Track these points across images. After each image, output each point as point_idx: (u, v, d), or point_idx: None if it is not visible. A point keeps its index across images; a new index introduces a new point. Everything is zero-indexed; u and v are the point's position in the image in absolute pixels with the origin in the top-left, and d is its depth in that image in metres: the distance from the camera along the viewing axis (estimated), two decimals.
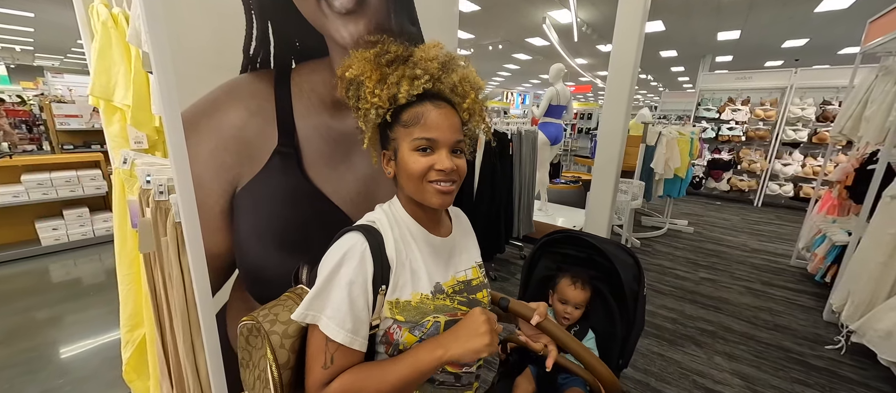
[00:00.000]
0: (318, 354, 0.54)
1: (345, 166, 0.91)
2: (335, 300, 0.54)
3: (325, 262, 0.57)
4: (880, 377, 1.90)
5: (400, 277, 0.59)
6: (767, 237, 4.19)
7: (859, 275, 2.10)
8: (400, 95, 0.58)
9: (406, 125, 0.59)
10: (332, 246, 0.59)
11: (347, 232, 0.60)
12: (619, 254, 1.11)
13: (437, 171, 0.58)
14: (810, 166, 5.25)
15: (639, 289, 1.06)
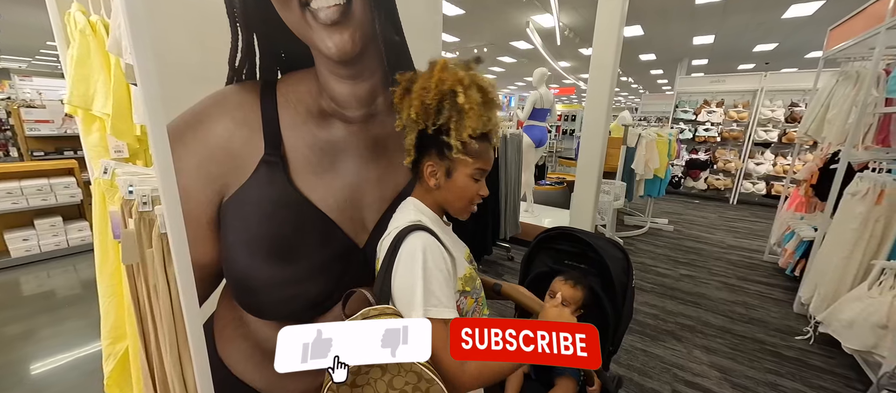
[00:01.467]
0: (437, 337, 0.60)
1: (331, 174, 0.92)
2: (441, 293, 0.65)
3: (409, 263, 0.66)
4: (845, 364, 2.01)
5: (456, 259, 0.73)
6: (742, 234, 4.37)
7: (825, 268, 2.23)
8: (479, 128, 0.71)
9: (472, 155, 0.72)
10: (404, 249, 0.68)
11: (410, 233, 0.70)
12: (608, 249, 1.18)
13: (479, 197, 0.76)
14: (780, 165, 5.50)
15: (627, 281, 1.13)
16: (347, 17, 0.86)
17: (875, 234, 1.99)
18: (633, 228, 4.41)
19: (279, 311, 0.90)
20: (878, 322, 1.68)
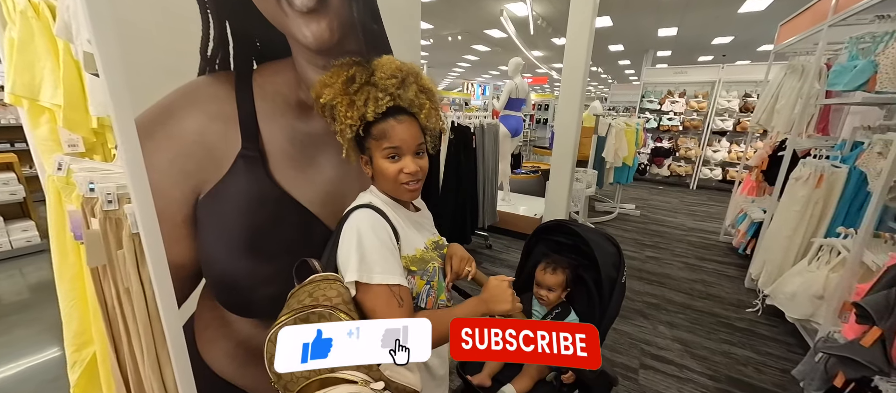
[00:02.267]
0: (387, 301, 0.66)
1: (312, 169, 0.90)
2: (378, 258, 0.67)
3: (349, 236, 0.69)
4: (788, 332, 2.24)
5: (403, 238, 0.74)
6: (701, 217, 4.69)
7: (772, 247, 2.44)
8: (368, 115, 0.71)
9: (376, 138, 0.72)
10: (347, 224, 0.71)
11: (354, 211, 0.72)
12: (601, 242, 1.21)
13: (406, 174, 0.73)
14: (735, 152, 5.91)
15: (617, 276, 1.16)
16: (325, 5, 0.84)
17: (815, 214, 2.21)
18: (604, 214, 4.61)
19: (263, 308, 0.88)
20: (816, 293, 1.88)
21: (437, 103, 0.79)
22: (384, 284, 0.67)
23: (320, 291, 0.65)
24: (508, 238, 3.72)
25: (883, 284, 1.38)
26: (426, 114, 0.76)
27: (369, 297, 0.67)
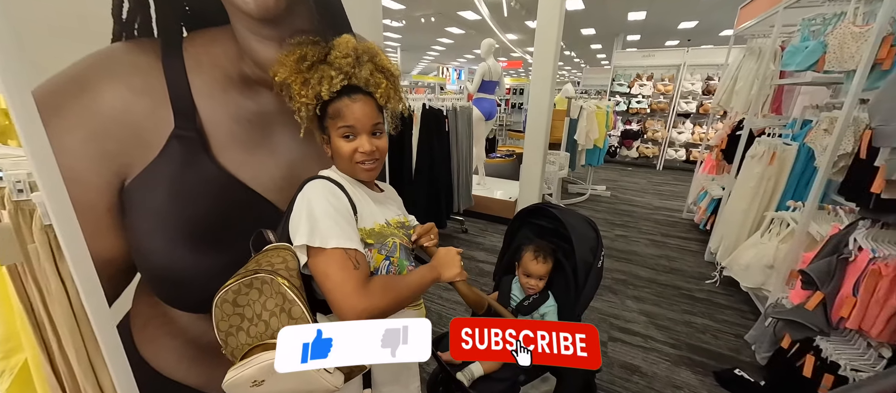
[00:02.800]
0: (343, 265, 0.64)
1: (264, 151, 0.83)
2: (332, 225, 0.65)
3: (302, 206, 0.66)
4: (742, 300, 2.40)
5: (361, 211, 0.73)
6: (667, 196, 4.90)
7: (729, 221, 2.58)
8: (322, 93, 0.69)
9: (332, 117, 0.71)
10: (301, 194, 0.69)
11: (310, 181, 0.70)
12: (580, 227, 1.21)
13: (361, 154, 0.71)
14: (698, 134, 6.18)
15: (593, 261, 1.17)
16: None
17: (768, 190, 2.34)
18: (577, 196, 4.72)
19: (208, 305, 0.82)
20: (767, 263, 2.01)
21: (396, 82, 0.77)
22: (339, 247, 0.64)
23: (266, 258, 0.65)
24: (484, 222, 3.74)
25: (825, 252, 1.48)
26: (383, 93, 0.74)
27: (322, 260, 0.64)
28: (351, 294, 0.61)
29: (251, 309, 0.61)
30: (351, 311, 0.61)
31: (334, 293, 0.62)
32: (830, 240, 1.49)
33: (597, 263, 1.18)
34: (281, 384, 0.57)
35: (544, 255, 1.24)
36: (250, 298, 0.62)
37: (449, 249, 0.80)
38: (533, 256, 1.24)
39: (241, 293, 0.62)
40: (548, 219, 1.33)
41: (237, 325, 0.62)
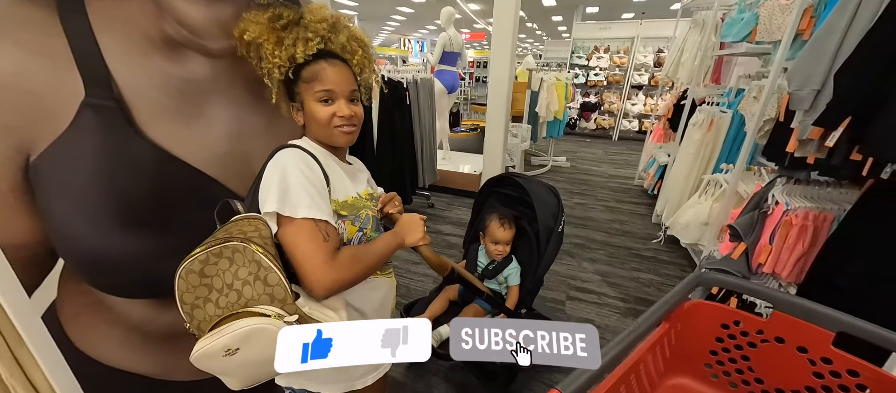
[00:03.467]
0: (312, 236, 0.63)
1: (202, 122, 0.76)
2: (303, 195, 0.64)
3: (274, 173, 0.65)
4: (682, 256, 2.66)
5: (334, 183, 0.72)
6: (620, 165, 5.20)
7: (672, 185, 2.81)
8: (297, 55, 0.67)
9: (307, 81, 0.69)
10: (272, 162, 0.67)
11: (281, 149, 0.69)
12: (542, 194, 1.28)
13: (339, 117, 0.71)
14: (649, 105, 6.54)
15: (554, 226, 1.24)
16: None
17: (706, 155, 2.55)
18: (539, 167, 4.87)
19: (161, 287, 0.77)
20: (703, 221, 2.22)
21: (370, 54, 0.76)
22: (309, 218, 0.63)
23: (236, 227, 0.62)
24: (450, 196, 3.77)
25: (749, 207, 1.67)
26: (358, 61, 0.73)
27: (291, 230, 0.63)
28: (319, 266, 0.62)
29: (220, 279, 0.59)
30: (318, 283, 0.62)
31: (303, 265, 0.62)
32: (754, 197, 1.68)
33: (557, 227, 1.25)
34: (256, 350, 0.57)
35: (508, 221, 1.29)
36: (220, 268, 0.59)
37: (412, 215, 0.81)
38: (498, 224, 1.28)
39: (210, 263, 0.59)
40: (513, 187, 1.39)
41: (204, 296, 0.60)
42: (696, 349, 0.78)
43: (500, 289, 1.35)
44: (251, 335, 0.56)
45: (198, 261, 0.59)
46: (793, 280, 1.49)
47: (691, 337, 0.77)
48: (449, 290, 1.40)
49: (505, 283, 1.34)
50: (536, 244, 1.29)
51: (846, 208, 1.32)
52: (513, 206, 1.41)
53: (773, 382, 0.71)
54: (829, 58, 1.16)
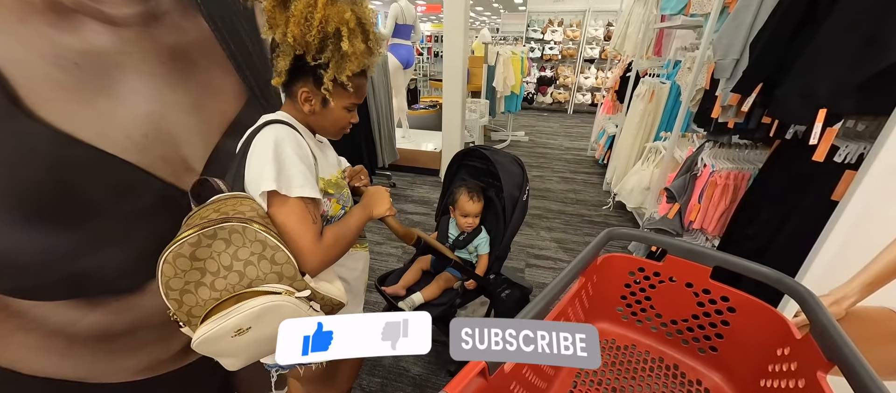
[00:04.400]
0: (303, 216, 0.65)
1: (110, 101, 0.68)
2: (295, 172, 0.65)
3: (264, 148, 0.64)
4: (628, 219, 2.87)
5: (319, 161, 0.74)
6: (575, 137, 5.43)
7: (619, 154, 2.99)
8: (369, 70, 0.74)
9: (350, 91, 0.71)
10: (259, 138, 0.66)
11: (268, 125, 0.68)
12: (507, 164, 1.32)
13: (351, 125, 0.79)
14: (600, 78, 6.80)
15: (519, 195, 1.29)
16: None
17: (648, 124, 2.73)
18: (498, 143, 4.95)
19: (82, 286, 0.70)
20: (645, 186, 2.41)
21: None
22: (303, 197, 0.65)
23: (229, 206, 0.60)
24: (412, 175, 3.74)
25: (682, 171, 1.82)
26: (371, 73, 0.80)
27: (284, 210, 0.64)
28: (310, 246, 0.65)
29: (215, 261, 0.58)
30: (309, 262, 0.65)
31: (294, 244, 0.63)
32: (686, 161, 1.83)
33: (523, 196, 1.31)
34: (269, 327, 0.58)
35: (476, 194, 1.33)
36: (214, 250, 0.58)
37: (377, 187, 0.85)
38: (467, 198, 1.32)
39: (202, 245, 0.57)
40: (479, 159, 1.44)
41: (196, 280, 0.58)
42: (610, 296, 0.88)
43: (471, 257, 1.40)
44: (265, 313, 0.57)
45: (188, 244, 0.57)
46: (717, 234, 1.68)
47: (605, 286, 0.87)
48: (422, 260, 1.43)
49: (475, 252, 1.39)
50: (503, 213, 1.34)
51: (759, 167, 1.49)
52: (480, 177, 1.45)
53: (669, 314, 0.83)
54: (747, 29, 1.27)
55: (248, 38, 1.02)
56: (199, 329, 0.57)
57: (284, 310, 0.58)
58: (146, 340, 0.83)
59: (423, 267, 1.43)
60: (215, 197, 0.65)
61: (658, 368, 0.84)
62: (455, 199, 1.35)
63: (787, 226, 1.16)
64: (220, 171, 0.96)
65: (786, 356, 0.65)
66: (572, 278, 0.71)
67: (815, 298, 0.61)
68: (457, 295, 1.33)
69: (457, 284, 1.36)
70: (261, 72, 1.09)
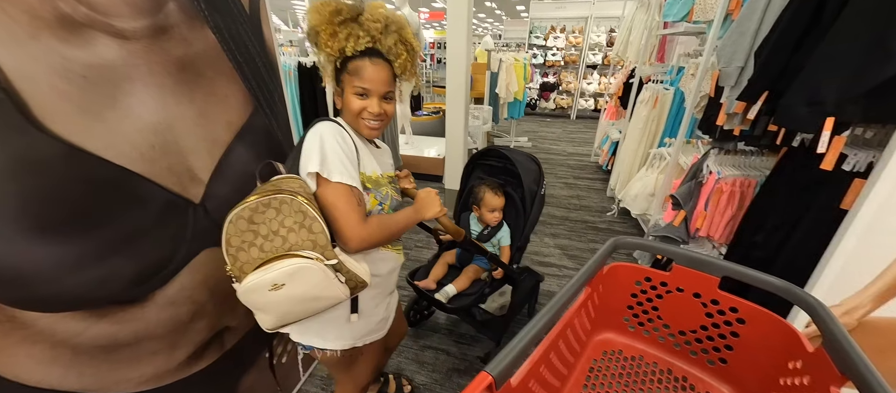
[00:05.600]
0: (348, 199, 0.72)
1: (117, 114, 0.69)
2: (338, 163, 0.72)
3: (314, 141, 0.73)
4: (632, 226, 2.85)
5: (362, 157, 0.79)
6: (578, 142, 5.42)
7: (623, 160, 2.97)
8: (346, 49, 0.75)
9: (350, 74, 0.77)
10: (311, 132, 0.75)
11: (320, 122, 0.77)
12: (524, 162, 1.43)
13: (368, 113, 0.78)
14: (603, 84, 6.81)
15: (537, 189, 1.41)
16: None
17: (652, 130, 2.72)
18: None
19: (81, 299, 0.70)
20: (650, 192, 2.39)
21: (415, 59, 0.83)
22: (344, 182, 0.72)
23: (283, 183, 0.70)
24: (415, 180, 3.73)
25: (688, 177, 1.81)
26: (401, 64, 0.80)
27: (330, 191, 0.72)
28: (355, 225, 0.71)
29: (266, 226, 0.67)
30: (352, 239, 0.72)
31: (339, 222, 0.71)
32: (691, 168, 1.82)
33: (540, 190, 1.42)
34: (299, 287, 0.67)
35: (499, 189, 1.43)
36: (267, 217, 0.67)
37: (428, 190, 0.89)
38: (493, 194, 1.41)
39: (258, 211, 0.67)
40: (496, 158, 1.54)
41: (249, 241, 0.67)
42: (617, 306, 0.87)
43: (494, 250, 1.49)
44: (296, 273, 0.65)
45: (248, 208, 0.66)
46: (724, 241, 1.66)
47: (612, 296, 0.86)
48: (446, 255, 1.55)
49: (497, 244, 1.47)
50: (522, 207, 1.44)
51: (766, 174, 1.47)
52: (497, 175, 1.55)
53: (676, 325, 0.81)
54: (751, 37, 1.27)
55: (254, 49, 1.03)
56: (244, 280, 0.66)
57: (313, 273, 0.66)
58: (150, 351, 0.83)
59: (448, 261, 1.54)
60: (274, 177, 0.76)
61: (667, 380, 0.82)
62: (480, 197, 1.43)
63: (796, 234, 1.14)
64: (228, 180, 0.97)
65: (798, 370, 0.64)
66: (579, 289, 0.70)
67: (826, 310, 0.60)
68: (485, 285, 1.43)
69: (484, 274, 1.47)
70: (266, 81, 1.10)
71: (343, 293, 0.71)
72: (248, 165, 1.03)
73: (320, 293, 0.69)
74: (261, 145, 1.10)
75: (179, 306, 0.89)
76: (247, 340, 1.11)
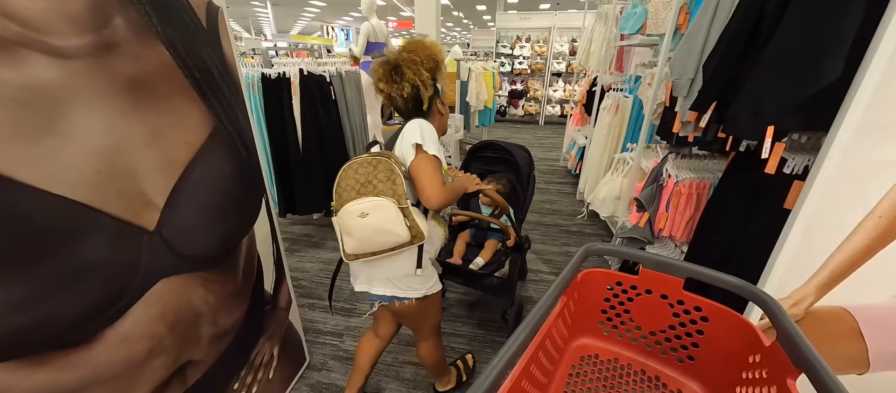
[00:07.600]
0: (436, 167, 0.96)
1: (56, 139, 0.63)
2: (433, 141, 0.97)
3: (414, 126, 0.98)
4: (601, 228, 2.97)
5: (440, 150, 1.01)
6: (548, 148, 5.59)
7: (590, 164, 3.10)
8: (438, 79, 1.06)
9: (442, 96, 1.11)
10: (411, 123, 1.00)
11: (416, 118, 1.02)
12: (518, 152, 1.74)
13: None
14: (568, 91, 7.09)
15: (531, 171, 1.72)
16: None
17: (615, 135, 2.86)
18: None
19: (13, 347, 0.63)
20: (616, 196, 2.50)
21: None
22: (436, 155, 0.96)
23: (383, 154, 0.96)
24: None
25: (650, 181, 1.91)
26: None
27: (425, 159, 0.95)
28: (438, 187, 0.94)
29: (364, 176, 0.93)
30: (434, 197, 0.94)
31: (426, 181, 0.94)
32: (653, 171, 1.93)
33: (533, 173, 1.74)
34: (378, 217, 0.90)
35: (501, 176, 1.73)
36: (366, 170, 0.93)
37: (466, 174, 1.25)
38: (496, 185, 1.68)
39: (363, 165, 0.94)
40: (493, 150, 1.82)
41: (350, 185, 0.93)
42: (591, 311, 0.89)
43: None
44: (378, 207, 0.90)
45: (356, 162, 0.95)
46: (685, 240, 1.76)
47: (586, 302, 0.88)
48: (463, 235, 1.84)
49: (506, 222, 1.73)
50: (521, 188, 1.72)
51: (718, 176, 1.59)
52: (491, 165, 1.83)
53: (647, 326, 0.85)
54: (699, 51, 1.37)
55: (213, 63, 0.98)
56: (344, 206, 0.92)
57: (389, 210, 0.90)
58: None
59: (465, 240, 1.82)
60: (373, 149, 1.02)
61: (641, 380, 0.85)
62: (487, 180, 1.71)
63: (748, 233, 1.23)
64: (188, 202, 0.91)
65: (757, 363, 0.68)
66: (555, 299, 0.71)
67: (778, 305, 0.65)
68: (502, 254, 1.72)
69: (498, 246, 1.76)
70: (227, 97, 1.04)
71: (406, 234, 0.92)
72: (212, 185, 0.97)
73: (391, 228, 0.90)
74: (224, 162, 1.04)
75: (134, 343, 0.82)
76: (212, 374, 1.04)
